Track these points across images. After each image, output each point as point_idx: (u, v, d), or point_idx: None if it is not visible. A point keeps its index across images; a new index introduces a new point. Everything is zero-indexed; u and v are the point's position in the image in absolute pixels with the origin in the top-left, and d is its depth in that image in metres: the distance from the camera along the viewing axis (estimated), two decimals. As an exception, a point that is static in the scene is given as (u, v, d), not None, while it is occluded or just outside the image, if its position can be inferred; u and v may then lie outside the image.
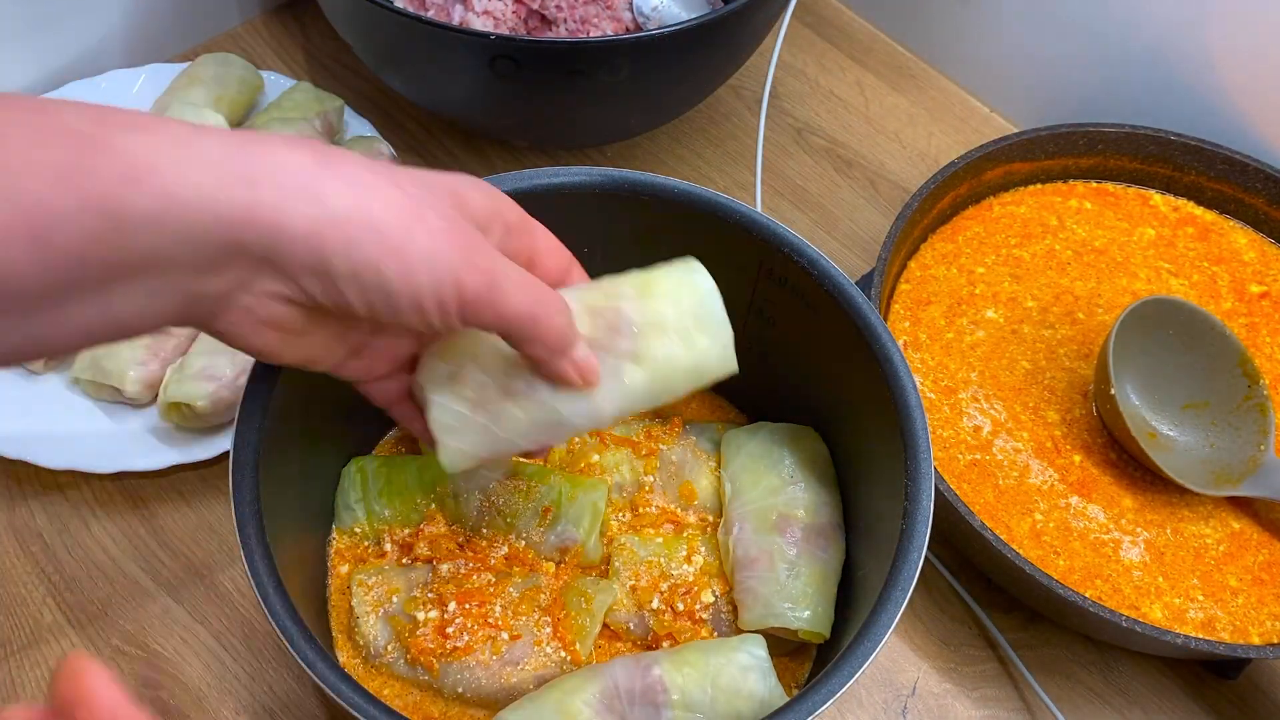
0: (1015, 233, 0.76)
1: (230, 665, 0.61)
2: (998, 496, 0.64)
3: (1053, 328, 0.72)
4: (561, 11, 0.76)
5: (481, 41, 0.65)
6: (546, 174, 0.56)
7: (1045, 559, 0.62)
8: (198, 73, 0.78)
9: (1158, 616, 0.61)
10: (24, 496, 0.66)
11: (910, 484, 0.49)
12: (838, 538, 0.57)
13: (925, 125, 0.89)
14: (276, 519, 0.48)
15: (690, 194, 0.56)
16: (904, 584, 0.46)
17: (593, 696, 0.51)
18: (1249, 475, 0.64)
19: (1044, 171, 0.78)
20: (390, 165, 0.41)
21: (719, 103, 0.89)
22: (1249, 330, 0.72)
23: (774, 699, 0.51)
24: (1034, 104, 0.88)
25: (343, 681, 0.42)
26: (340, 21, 0.75)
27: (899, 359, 0.52)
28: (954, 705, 0.62)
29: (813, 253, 0.55)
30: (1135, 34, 0.79)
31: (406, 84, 0.77)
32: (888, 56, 0.94)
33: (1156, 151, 0.76)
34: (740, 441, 0.61)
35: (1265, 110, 0.76)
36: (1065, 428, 0.67)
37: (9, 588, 0.62)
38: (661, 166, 0.85)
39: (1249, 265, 0.75)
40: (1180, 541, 0.64)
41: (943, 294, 0.72)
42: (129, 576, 0.63)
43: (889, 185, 0.85)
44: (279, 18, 0.91)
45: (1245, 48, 0.75)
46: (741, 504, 0.59)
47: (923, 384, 0.68)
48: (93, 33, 0.81)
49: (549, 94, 0.70)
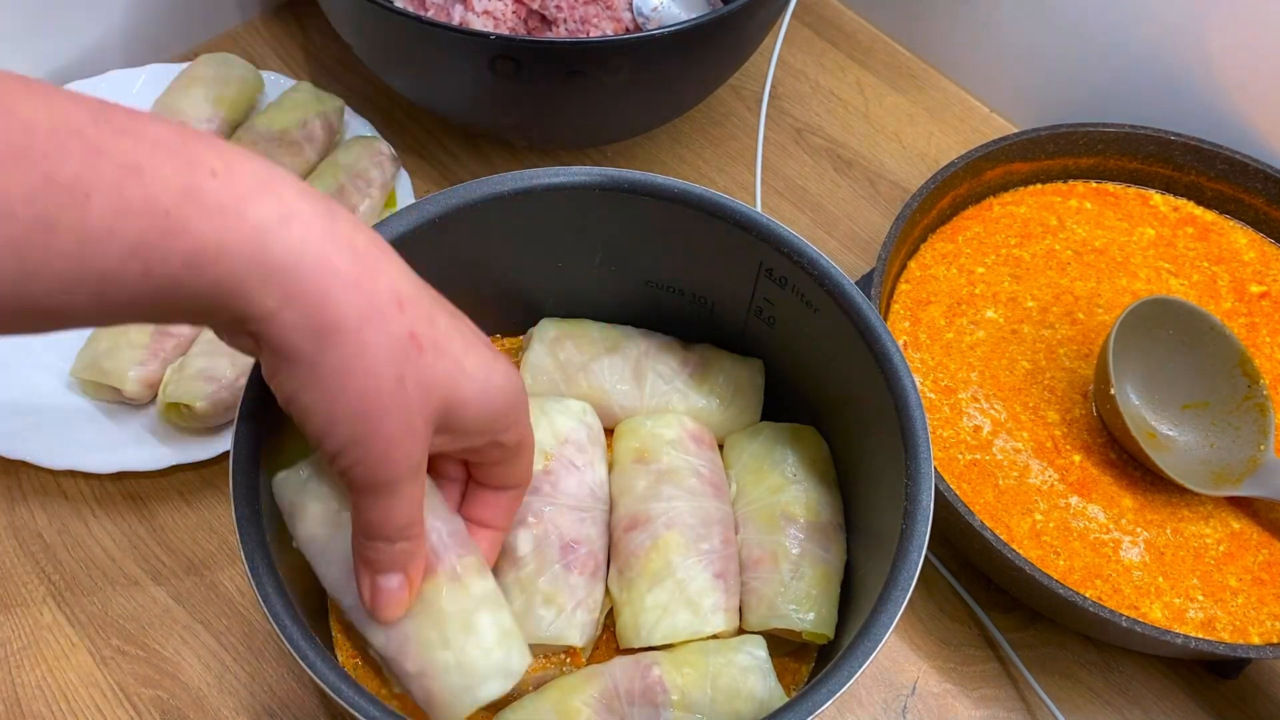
0: (1015, 233, 0.76)
1: (230, 665, 0.61)
2: (998, 496, 0.64)
3: (1053, 328, 0.72)
4: (561, 11, 0.76)
5: (481, 41, 0.65)
6: (546, 174, 0.56)
7: (1045, 559, 0.62)
8: (198, 73, 0.78)
9: (1158, 616, 0.61)
10: (24, 496, 0.66)
11: (910, 484, 0.49)
12: (839, 538, 0.58)
13: (925, 125, 0.89)
14: (276, 519, 0.48)
15: (690, 194, 0.56)
16: (904, 584, 0.46)
17: (592, 697, 0.51)
18: (1249, 475, 0.64)
19: (1044, 171, 0.78)
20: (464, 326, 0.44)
21: (719, 103, 0.89)
22: (1249, 330, 0.72)
23: (774, 699, 0.51)
24: (1034, 104, 0.88)
25: (343, 681, 0.42)
26: (340, 21, 0.75)
27: (899, 359, 0.52)
28: (954, 705, 0.62)
29: (813, 253, 0.55)
30: (1135, 34, 0.79)
31: (406, 84, 0.77)
32: (888, 56, 0.94)
33: (1156, 151, 0.76)
34: (744, 444, 0.61)
35: (1265, 110, 0.76)
36: (1065, 428, 0.67)
37: (9, 588, 0.62)
38: (661, 166, 0.85)
39: (1249, 265, 0.75)
40: (1180, 541, 0.64)
41: (943, 294, 0.73)
42: (129, 576, 0.63)
43: (889, 185, 0.85)
44: (279, 18, 0.91)
45: (1245, 48, 0.75)
46: (745, 503, 0.59)
47: (923, 384, 0.68)
48: (93, 33, 0.81)
49: (549, 94, 0.70)
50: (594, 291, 0.63)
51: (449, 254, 0.57)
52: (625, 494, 0.58)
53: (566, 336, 0.63)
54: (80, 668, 0.60)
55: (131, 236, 0.33)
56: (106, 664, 0.60)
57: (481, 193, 0.55)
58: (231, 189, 0.35)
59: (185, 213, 0.34)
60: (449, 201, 0.55)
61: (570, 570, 0.54)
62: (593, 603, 0.55)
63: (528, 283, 0.63)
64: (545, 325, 0.63)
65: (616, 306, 0.64)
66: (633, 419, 0.61)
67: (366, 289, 0.38)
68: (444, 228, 0.55)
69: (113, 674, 0.60)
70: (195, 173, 0.34)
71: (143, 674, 0.60)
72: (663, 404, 0.62)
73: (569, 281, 0.63)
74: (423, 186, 0.81)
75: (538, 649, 0.54)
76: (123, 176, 0.33)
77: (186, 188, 0.34)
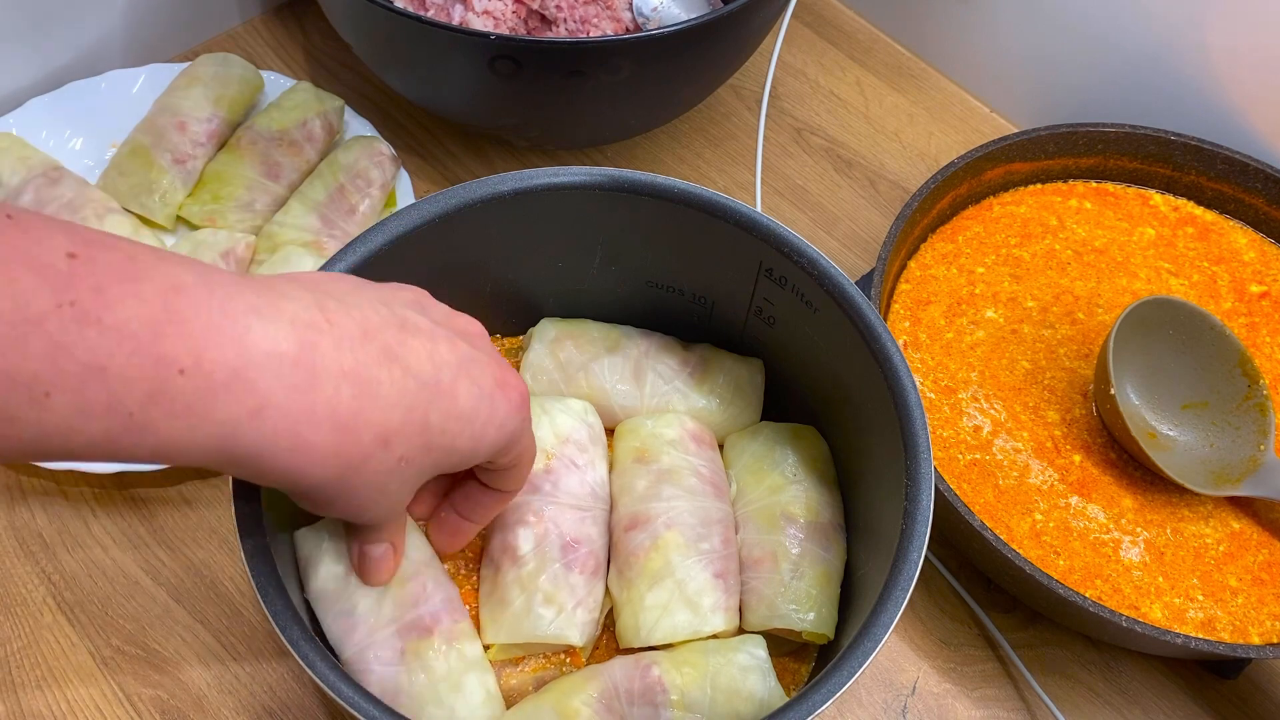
0: (1015, 233, 0.76)
1: (230, 665, 0.61)
2: (998, 496, 0.64)
3: (1053, 328, 0.72)
4: (561, 11, 0.76)
5: (481, 41, 0.65)
6: (546, 174, 0.56)
7: (1045, 559, 0.62)
8: (198, 73, 0.78)
9: (1158, 616, 0.61)
10: (24, 496, 0.66)
11: (910, 484, 0.49)
12: (839, 538, 0.58)
13: (925, 125, 0.89)
14: (276, 519, 0.48)
15: (690, 194, 0.56)
16: (904, 584, 0.46)
17: (592, 696, 0.51)
18: (1249, 475, 0.64)
19: (1044, 171, 0.78)
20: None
21: (719, 103, 0.89)
22: (1249, 330, 0.72)
23: (773, 699, 0.51)
24: (1034, 104, 0.88)
25: (343, 681, 0.42)
26: (340, 21, 0.75)
27: (899, 359, 0.52)
28: (954, 705, 0.62)
29: (813, 253, 0.55)
30: (1135, 34, 0.79)
31: (406, 84, 0.77)
32: (888, 56, 0.94)
33: (1156, 151, 0.76)
34: (744, 444, 0.61)
35: (1265, 110, 0.76)
36: (1065, 428, 0.67)
37: (9, 588, 0.62)
38: (661, 166, 0.85)
39: (1249, 265, 0.75)
40: (1180, 541, 0.64)
41: (943, 294, 0.73)
42: (129, 576, 0.63)
43: (889, 185, 0.85)
44: (279, 18, 0.91)
45: (1245, 48, 0.75)
46: (746, 503, 0.59)
47: (923, 384, 0.68)
48: (93, 33, 0.81)
49: (549, 94, 0.70)
50: (594, 291, 0.63)
51: (449, 254, 0.57)
52: (625, 493, 0.58)
53: (566, 336, 0.63)
54: (80, 668, 0.60)
55: (94, 432, 0.33)
56: (106, 664, 0.60)
57: (481, 193, 0.55)
58: (200, 387, 0.34)
59: (150, 415, 0.33)
60: (449, 201, 0.55)
61: (571, 569, 0.54)
62: (593, 602, 0.55)
63: (528, 283, 0.63)
64: (545, 325, 0.63)
65: (616, 306, 0.64)
66: (633, 419, 0.61)
67: (347, 452, 0.38)
68: (444, 228, 0.55)
69: (113, 674, 0.60)
70: (162, 372, 0.33)
71: (143, 674, 0.60)
72: (663, 404, 0.62)
73: (569, 281, 0.63)
74: (423, 186, 0.81)
75: (538, 648, 0.54)
76: (85, 378, 0.32)
77: (152, 391, 0.33)
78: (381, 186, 0.75)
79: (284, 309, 0.37)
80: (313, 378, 0.37)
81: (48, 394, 0.31)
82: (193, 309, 0.34)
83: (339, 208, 0.74)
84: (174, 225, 0.75)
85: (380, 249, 0.53)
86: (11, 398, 0.31)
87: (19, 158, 0.72)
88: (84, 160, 0.77)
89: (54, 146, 0.77)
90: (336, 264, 0.52)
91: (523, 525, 0.55)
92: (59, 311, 0.31)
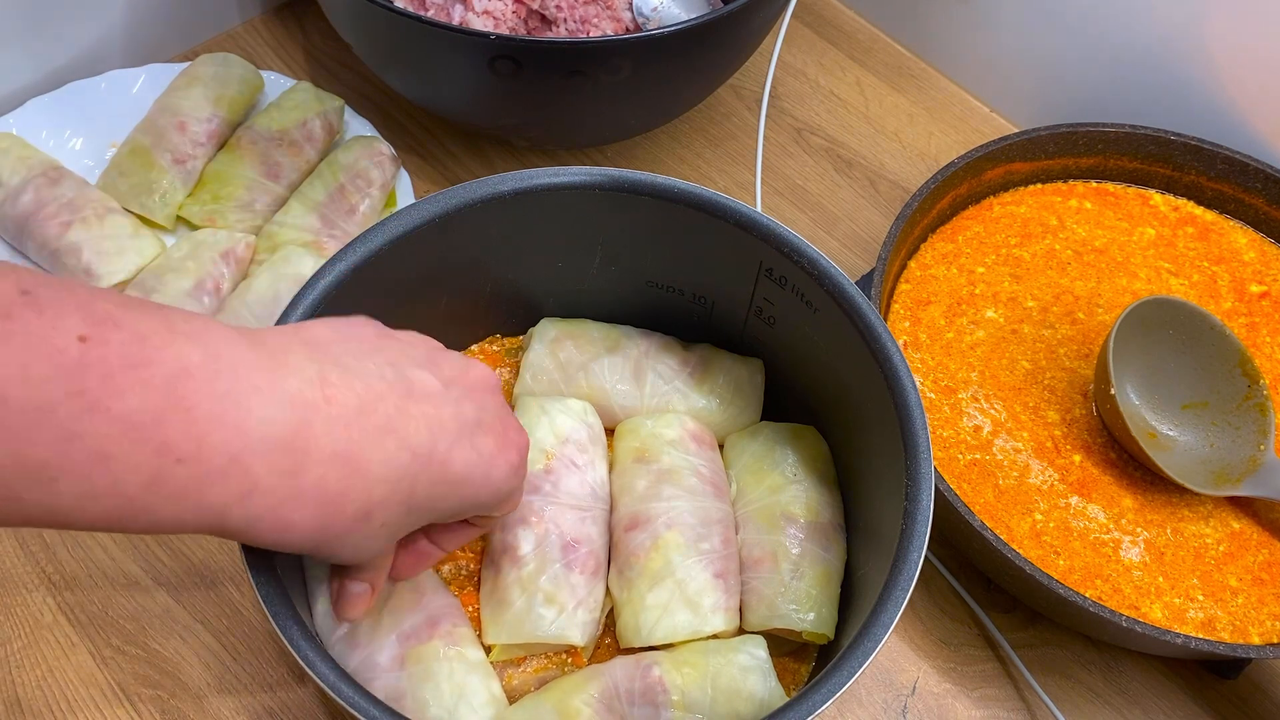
0: (1015, 233, 0.76)
1: (230, 665, 0.61)
2: (998, 496, 0.64)
3: (1053, 328, 0.72)
4: (561, 11, 0.76)
5: (481, 41, 0.65)
6: (546, 174, 0.56)
7: (1045, 559, 0.62)
8: (198, 73, 0.78)
9: (1158, 616, 0.61)
10: (24, 496, 0.65)
11: (910, 484, 0.49)
12: (839, 538, 0.58)
13: (925, 125, 0.89)
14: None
15: (690, 194, 0.56)
16: (904, 584, 0.46)
17: (592, 696, 0.51)
18: (1249, 475, 0.64)
19: (1044, 171, 0.78)
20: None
21: (719, 103, 0.89)
22: (1249, 330, 0.72)
23: (774, 700, 0.51)
24: (1034, 104, 0.88)
25: (343, 681, 0.42)
26: (340, 21, 0.75)
27: (899, 359, 0.52)
28: (954, 705, 0.62)
29: (813, 253, 0.55)
30: (1135, 34, 0.79)
31: (406, 84, 0.77)
32: (888, 56, 0.94)
33: (1156, 151, 0.76)
34: (744, 444, 0.61)
35: (1265, 110, 0.76)
36: (1065, 428, 0.67)
37: (9, 588, 0.62)
38: (661, 166, 0.85)
39: (1249, 265, 0.75)
40: (1180, 541, 0.64)
41: (943, 294, 0.73)
42: (129, 576, 0.63)
43: (889, 185, 0.85)
44: (279, 18, 0.91)
45: (1245, 48, 0.75)
46: (745, 503, 0.59)
47: (923, 384, 0.68)
48: (93, 33, 0.81)
49: (549, 94, 0.70)
50: (594, 291, 0.63)
51: (449, 254, 0.57)
52: (625, 493, 0.58)
53: (566, 336, 0.63)
54: (80, 668, 0.60)
55: (95, 512, 0.34)
56: (106, 664, 0.60)
57: (481, 193, 0.55)
58: (197, 474, 0.35)
59: (148, 500, 0.35)
60: (449, 201, 0.55)
61: (571, 569, 0.54)
62: (594, 602, 0.55)
63: (528, 283, 0.63)
64: (545, 325, 0.63)
65: (616, 306, 0.64)
66: (633, 419, 0.61)
67: (329, 526, 0.39)
68: (444, 228, 0.55)
69: (113, 674, 0.60)
70: (163, 460, 0.35)
71: (143, 674, 0.60)
72: (663, 404, 0.62)
73: (569, 281, 0.63)
74: (423, 186, 0.81)
75: (539, 648, 0.54)
76: (91, 465, 0.33)
77: (152, 478, 0.35)
78: (381, 186, 0.75)
79: (286, 386, 0.38)
80: (302, 461, 0.38)
81: (55, 479, 0.33)
82: (196, 395, 0.35)
83: (339, 208, 0.74)
84: (174, 225, 0.75)
85: (380, 249, 0.53)
86: (19, 481, 0.33)
87: (19, 158, 0.72)
88: (84, 160, 0.77)
89: (54, 146, 0.77)
90: (336, 264, 0.52)
91: (523, 525, 0.55)
92: (69, 401, 0.32)
